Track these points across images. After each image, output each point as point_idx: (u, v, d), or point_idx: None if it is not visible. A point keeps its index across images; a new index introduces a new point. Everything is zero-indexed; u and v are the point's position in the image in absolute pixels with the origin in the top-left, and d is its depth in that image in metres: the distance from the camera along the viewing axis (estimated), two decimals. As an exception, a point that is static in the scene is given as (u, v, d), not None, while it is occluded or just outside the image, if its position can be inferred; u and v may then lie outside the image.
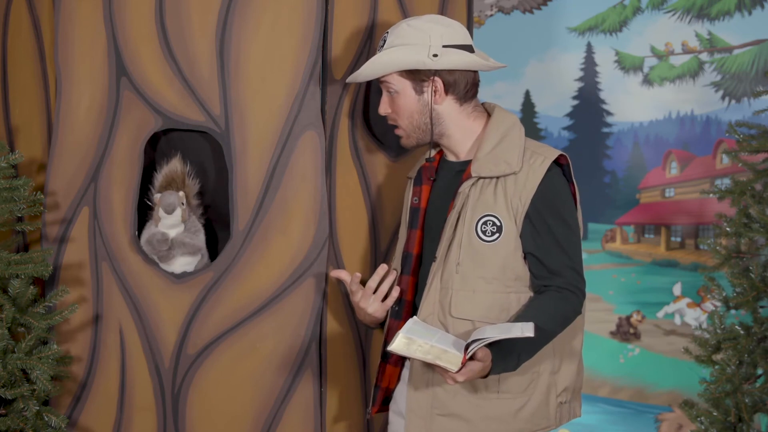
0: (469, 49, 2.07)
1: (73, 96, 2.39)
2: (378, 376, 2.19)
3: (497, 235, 1.99)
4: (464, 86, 2.07)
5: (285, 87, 2.27)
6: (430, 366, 1.99)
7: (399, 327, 2.10)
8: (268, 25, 2.27)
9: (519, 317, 1.95)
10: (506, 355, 1.89)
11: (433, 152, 2.18)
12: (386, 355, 2.18)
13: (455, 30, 2.07)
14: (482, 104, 2.14)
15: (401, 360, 2.16)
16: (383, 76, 2.08)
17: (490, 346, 1.85)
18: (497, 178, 2.01)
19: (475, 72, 2.09)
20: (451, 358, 1.78)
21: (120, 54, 2.34)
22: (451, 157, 2.14)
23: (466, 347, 1.80)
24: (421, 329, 1.87)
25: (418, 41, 2.02)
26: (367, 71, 2.08)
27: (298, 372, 2.28)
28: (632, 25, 3.44)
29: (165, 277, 2.31)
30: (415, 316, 1.99)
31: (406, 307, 2.13)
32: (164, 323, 2.31)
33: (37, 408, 2.24)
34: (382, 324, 2.21)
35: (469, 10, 2.74)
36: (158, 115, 2.32)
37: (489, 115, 2.12)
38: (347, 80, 2.18)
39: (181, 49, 2.29)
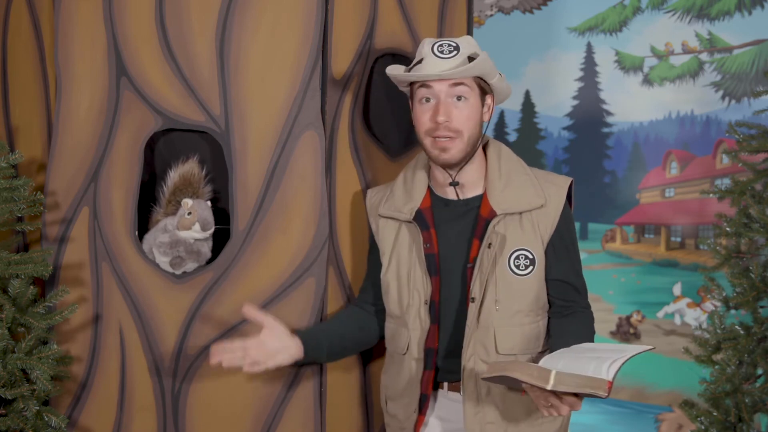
0: None
1: (73, 96, 2.39)
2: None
3: (531, 268, 2.04)
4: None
5: (285, 87, 2.27)
6: (484, 394, 2.01)
7: (430, 377, 2.08)
8: (268, 25, 2.27)
9: (570, 341, 1.95)
10: None
11: (426, 184, 2.16)
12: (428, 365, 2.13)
13: None
14: None
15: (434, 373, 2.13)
16: (465, 78, 2.03)
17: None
18: (521, 212, 2.05)
19: None
20: (598, 383, 1.72)
21: (120, 54, 2.34)
22: (441, 191, 2.13)
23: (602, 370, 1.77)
24: (548, 362, 1.83)
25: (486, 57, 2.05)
26: (480, 68, 2.02)
27: (298, 372, 2.28)
28: (632, 25, 3.44)
29: (165, 277, 2.31)
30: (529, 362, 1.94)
31: (433, 356, 2.09)
32: (164, 323, 2.31)
33: (37, 408, 2.24)
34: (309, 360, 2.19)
35: (469, 10, 2.75)
36: (158, 115, 2.32)
37: (483, 148, 2.15)
38: (435, 77, 2.01)
39: (181, 49, 2.29)
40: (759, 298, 2.41)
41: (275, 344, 2.10)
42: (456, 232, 2.09)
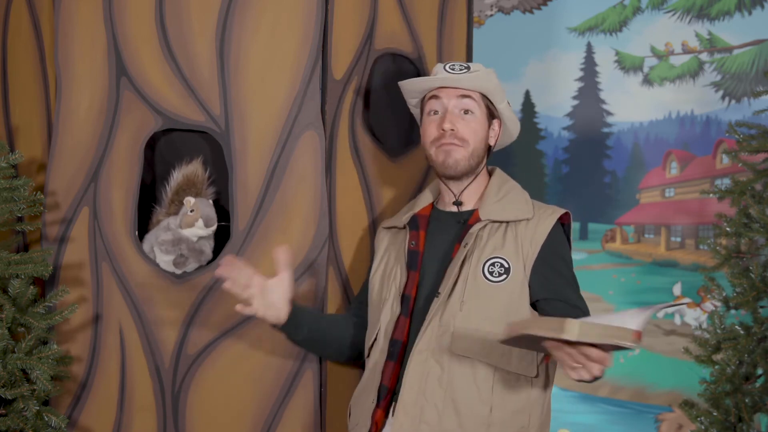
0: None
1: (73, 96, 2.39)
2: (383, 375, 2.08)
3: (504, 276, 2.00)
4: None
5: (285, 87, 2.27)
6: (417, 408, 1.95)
7: (394, 369, 2.04)
8: (268, 25, 2.27)
9: None
10: None
11: (431, 198, 2.20)
12: (392, 355, 2.08)
13: None
14: None
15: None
16: (472, 92, 2.10)
17: None
18: (507, 223, 2.05)
19: None
20: (624, 333, 1.63)
21: (120, 54, 2.34)
22: (443, 206, 2.16)
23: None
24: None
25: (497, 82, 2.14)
26: (485, 79, 2.10)
27: (298, 372, 2.28)
28: (632, 25, 3.44)
29: (165, 277, 2.31)
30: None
31: (401, 349, 2.06)
32: (164, 323, 2.31)
33: (37, 408, 2.24)
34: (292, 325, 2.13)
35: (469, 10, 2.75)
36: (158, 115, 2.32)
37: (489, 175, 2.19)
38: (441, 83, 2.11)
39: (181, 49, 2.29)
40: (759, 298, 2.41)
41: (273, 297, 2.06)
42: (443, 238, 2.11)
